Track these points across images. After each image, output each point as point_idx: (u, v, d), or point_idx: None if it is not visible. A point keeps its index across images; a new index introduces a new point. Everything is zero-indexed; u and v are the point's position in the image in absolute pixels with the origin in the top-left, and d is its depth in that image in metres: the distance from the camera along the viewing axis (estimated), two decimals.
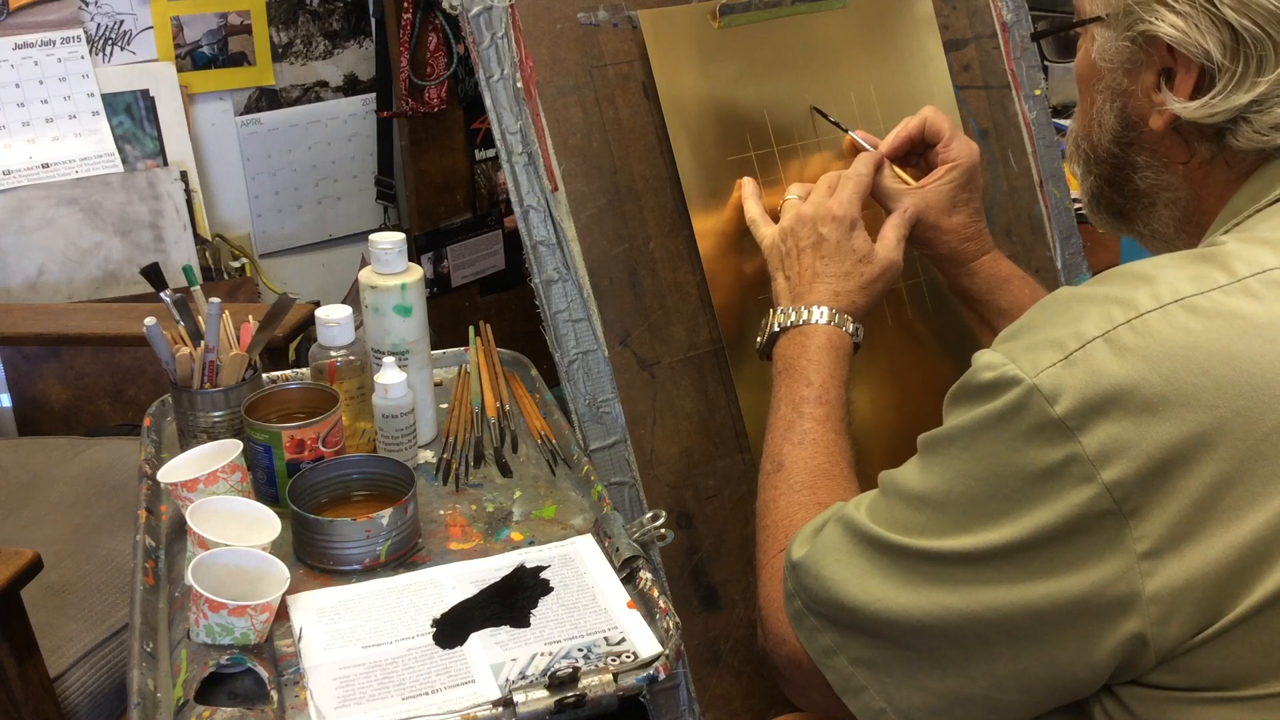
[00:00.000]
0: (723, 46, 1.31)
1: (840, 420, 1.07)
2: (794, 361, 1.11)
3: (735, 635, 1.28)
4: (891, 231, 1.19)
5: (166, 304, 1.22)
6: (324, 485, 1.14)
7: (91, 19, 2.21)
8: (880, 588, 0.81)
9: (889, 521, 0.82)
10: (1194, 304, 0.73)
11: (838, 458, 1.04)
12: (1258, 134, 0.81)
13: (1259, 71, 0.79)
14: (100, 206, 2.20)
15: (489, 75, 1.23)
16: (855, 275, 1.15)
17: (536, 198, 1.24)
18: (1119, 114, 0.89)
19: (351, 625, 1.00)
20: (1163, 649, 0.72)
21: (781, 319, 1.15)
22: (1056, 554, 0.73)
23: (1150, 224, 0.93)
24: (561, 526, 1.16)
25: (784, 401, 1.09)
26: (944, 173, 1.22)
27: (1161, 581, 0.71)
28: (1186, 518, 0.71)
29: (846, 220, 1.16)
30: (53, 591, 1.43)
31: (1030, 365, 0.74)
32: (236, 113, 2.44)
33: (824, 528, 0.88)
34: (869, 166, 1.20)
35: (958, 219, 1.22)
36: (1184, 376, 0.71)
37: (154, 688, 0.93)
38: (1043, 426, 0.73)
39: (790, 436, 1.06)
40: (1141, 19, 0.83)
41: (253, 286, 2.42)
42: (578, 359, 1.24)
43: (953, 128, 1.23)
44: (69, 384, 2.12)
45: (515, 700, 0.90)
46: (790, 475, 1.03)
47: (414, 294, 1.23)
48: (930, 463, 0.81)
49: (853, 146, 1.30)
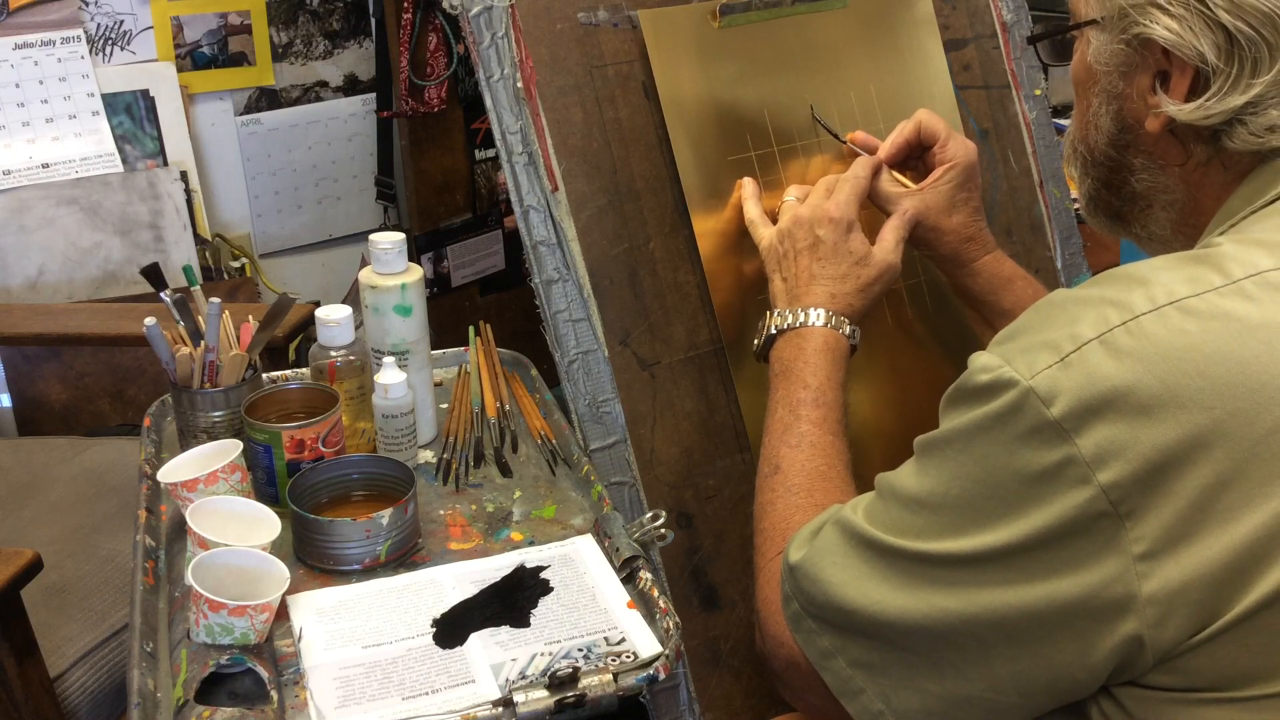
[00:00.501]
0: (723, 46, 1.31)
1: (837, 422, 1.07)
2: (791, 364, 1.11)
3: (735, 635, 1.28)
4: (890, 234, 1.19)
5: (166, 304, 1.22)
6: (324, 485, 1.14)
7: (91, 19, 2.21)
8: (877, 590, 0.81)
9: (886, 524, 0.82)
10: (1189, 306, 0.73)
11: (835, 459, 1.04)
12: (1253, 136, 0.81)
13: (1254, 74, 0.79)
14: (100, 206, 2.20)
15: (489, 75, 1.23)
16: (852, 277, 1.15)
17: (536, 198, 1.24)
18: (1115, 117, 0.90)
19: (351, 625, 1.00)
20: (1160, 650, 0.72)
21: (778, 321, 1.15)
22: (1053, 556, 0.73)
23: (1147, 226, 0.93)
24: (561, 526, 1.16)
25: (781, 404, 1.09)
26: (942, 173, 1.22)
27: (1158, 583, 0.71)
28: (1183, 519, 0.71)
29: (843, 222, 1.16)
30: (53, 591, 1.43)
31: (1026, 367, 0.74)
32: (236, 113, 2.44)
33: (821, 530, 0.88)
34: (866, 169, 1.21)
35: (957, 219, 1.22)
36: (1179, 378, 0.71)
37: (154, 688, 0.93)
38: (1039, 429, 0.73)
39: (787, 439, 1.06)
40: (1136, 22, 0.83)
41: (253, 286, 2.42)
42: (578, 359, 1.24)
43: (948, 128, 1.23)
44: (69, 384, 2.12)
45: (515, 700, 0.90)
46: (787, 478, 1.03)
47: (414, 294, 1.23)
48: (926, 465, 0.81)
49: (851, 151, 1.30)
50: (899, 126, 1.26)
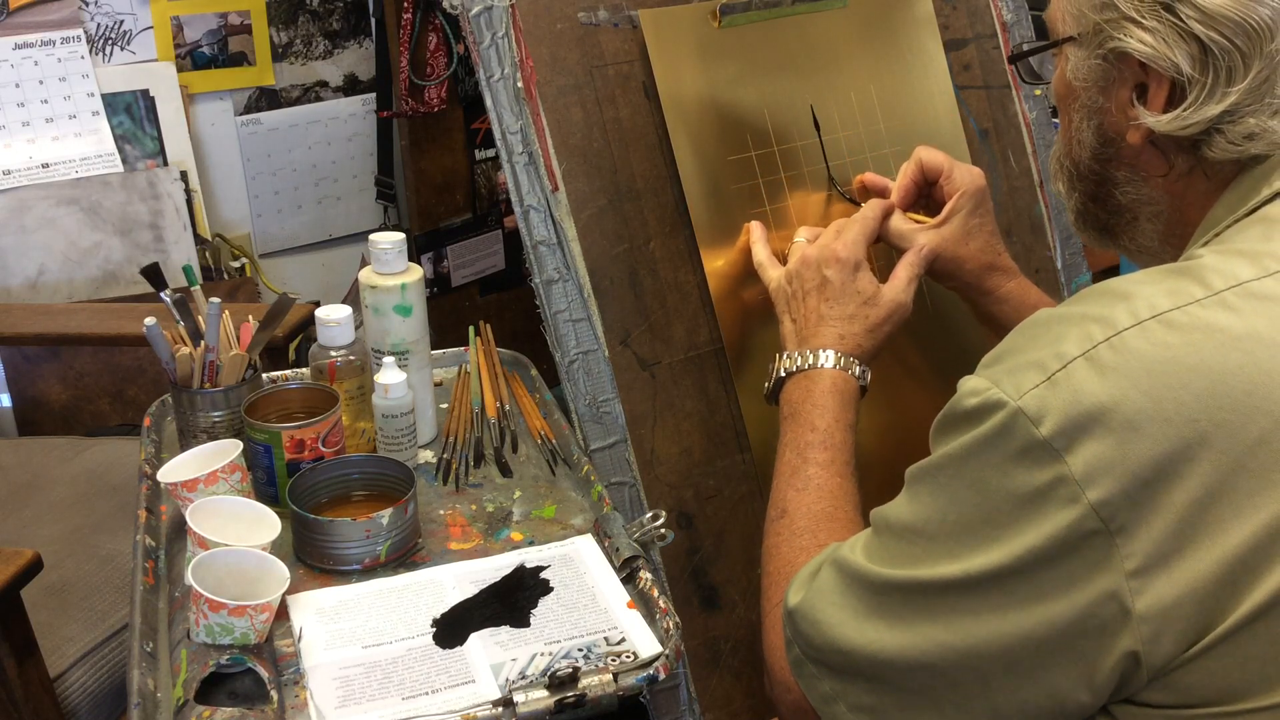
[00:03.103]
0: (723, 46, 1.31)
1: (845, 465, 1.06)
2: (799, 406, 1.10)
3: (735, 635, 1.28)
4: (903, 270, 1.18)
5: (166, 304, 1.22)
6: (324, 485, 1.14)
7: (91, 19, 2.21)
8: (873, 628, 0.81)
9: (882, 557, 0.82)
10: (1171, 319, 0.73)
11: (842, 501, 1.03)
12: (1231, 144, 0.82)
13: (1229, 82, 0.80)
14: (100, 206, 2.20)
15: (489, 75, 1.23)
16: (860, 318, 1.14)
17: (537, 198, 1.24)
18: (1096, 131, 0.90)
19: (351, 625, 1.00)
20: (1154, 667, 0.72)
21: (788, 364, 1.14)
22: (1046, 577, 0.73)
23: (1135, 239, 0.94)
24: (561, 526, 1.16)
25: (789, 447, 1.09)
26: (952, 203, 1.21)
27: (1151, 599, 0.71)
28: (1173, 534, 0.71)
29: (850, 262, 1.15)
30: (53, 591, 1.43)
31: (1014, 388, 0.74)
32: (236, 113, 2.44)
33: (819, 571, 0.88)
34: (877, 210, 1.20)
35: (975, 245, 1.21)
36: (1164, 392, 0.71)
37: (154, 688, 0.93)
38: (1029, 449, 0.73)
39: (794, 482, 1.05)
40: (1111, 36, 0.84)
41: (253, 286, 2.42)
42: (578, 359, 1.24)
43: (949, 159, 1.23)
44: (69, 384, 2.12)
45: (515, 700, 0.90)
46: (793, 521, 1.02)
47: (414, 294, 1.23)
48: (919, 493, 0.81)
49: (862, 192, 1.30)
50: (901, 169, 1.25)
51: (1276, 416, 0.71)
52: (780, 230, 1.30)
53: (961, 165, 1.23)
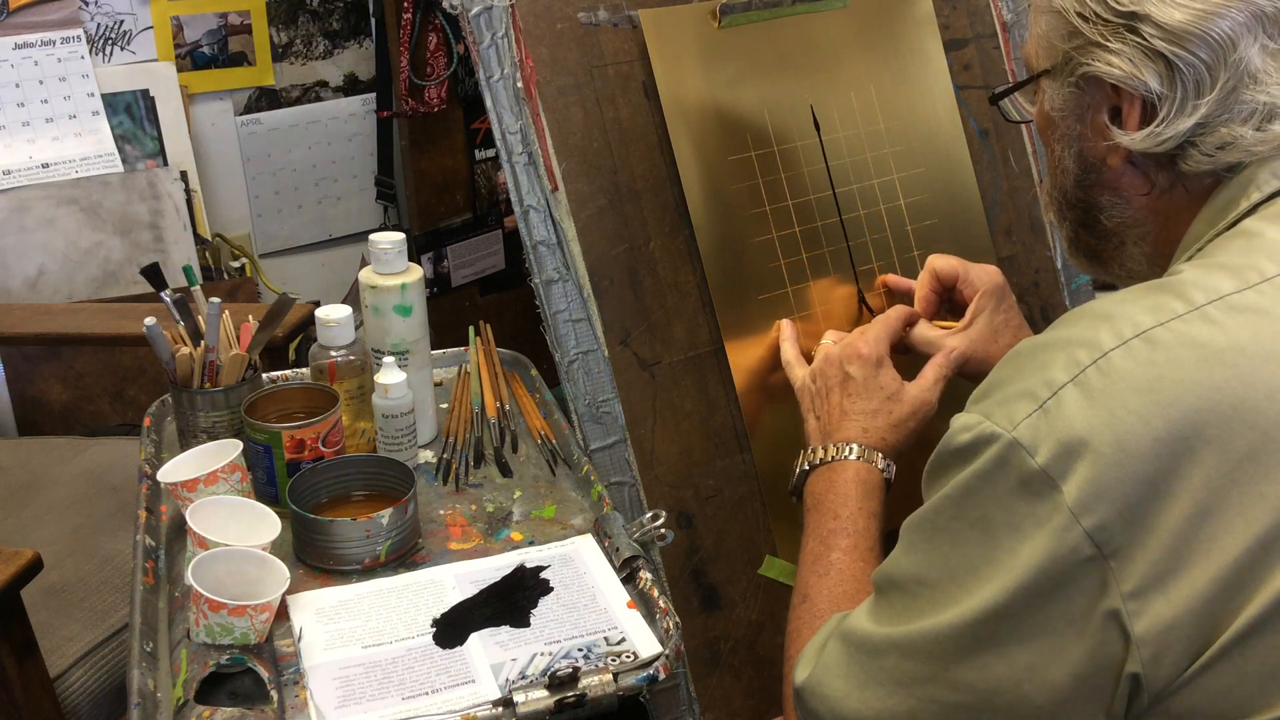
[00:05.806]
0: (723, 46, 1.31)
1: (869, 550, 1.06)
2: (822, 497, 1.11)
3: (735, 635, 1.28)
4: (931, 371, 1.18)
5: (166, 304, 1.22)
6: (324, 485, 1.14)
7: (91, 19, 2.21)
8: (877, 696, 0.80)
9: (888, 615, 0.81)
10: (1154, 336, 0.73)
11: (864, 583, 1.03)
12: (1206, 156, 0.83)
13: (1197, 94, 0.81)
14: (100, 206, 2.20)
15: (489, 75, 1.23)
16: (884, 413, 1.14)
17: (537, 198, 1.24)
18: (1077, 158, 0.91)
19: (351, 625, 1.00)
20: (1154, 690, 0.72)
21: (811, 457, 1.14)
22: (1046, 611, 0.73)
23: (1124, 264, 0.94)
24: (561, 526, 1.16)
25: (812, 536, 1.09)
26: (975, 305, 1.21)
27: (1150, 620, 0.71)
28: (1169, 553, 0.70)
29: (872, 358, 1.16)
30: (53, 591, 1.43)
31: (1006, 419, 0.74)
32: (236, 113, 2.44)
33: (826, 645, 0.87)
34: (901, 312, 1.21)
35: (1004, 342, 1.20)
36: (1153, 410, 0.71)
37: (154, 688, 0.93)
38: (1028, 480, 0.73)
39: (816, 568, 1.05)
40: (1081, 63, 0.86)
41: (253, 286, 2.42)
42: (578, 359, 1.24)
43: (963, 262, 1.23)
44: (69, 384, 2.12)
45: (515, 700, 0.90)
46: (814, 605, 1.03)
47: (414, 294, 1.23)
48: (917, 542, 0.80)
49: (888, 294, 1.32)
50: (918, 281, 1.26)
51: (1263, 429, 0.71)
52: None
53: (976, 266, 1.23)
